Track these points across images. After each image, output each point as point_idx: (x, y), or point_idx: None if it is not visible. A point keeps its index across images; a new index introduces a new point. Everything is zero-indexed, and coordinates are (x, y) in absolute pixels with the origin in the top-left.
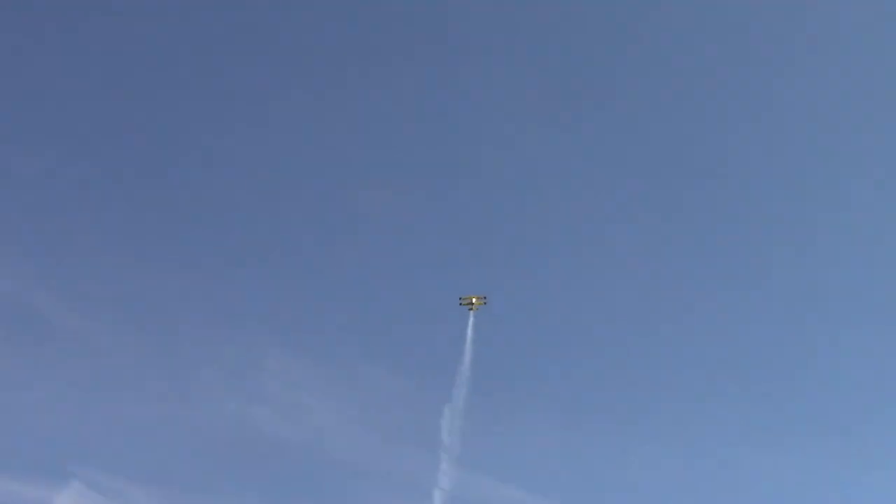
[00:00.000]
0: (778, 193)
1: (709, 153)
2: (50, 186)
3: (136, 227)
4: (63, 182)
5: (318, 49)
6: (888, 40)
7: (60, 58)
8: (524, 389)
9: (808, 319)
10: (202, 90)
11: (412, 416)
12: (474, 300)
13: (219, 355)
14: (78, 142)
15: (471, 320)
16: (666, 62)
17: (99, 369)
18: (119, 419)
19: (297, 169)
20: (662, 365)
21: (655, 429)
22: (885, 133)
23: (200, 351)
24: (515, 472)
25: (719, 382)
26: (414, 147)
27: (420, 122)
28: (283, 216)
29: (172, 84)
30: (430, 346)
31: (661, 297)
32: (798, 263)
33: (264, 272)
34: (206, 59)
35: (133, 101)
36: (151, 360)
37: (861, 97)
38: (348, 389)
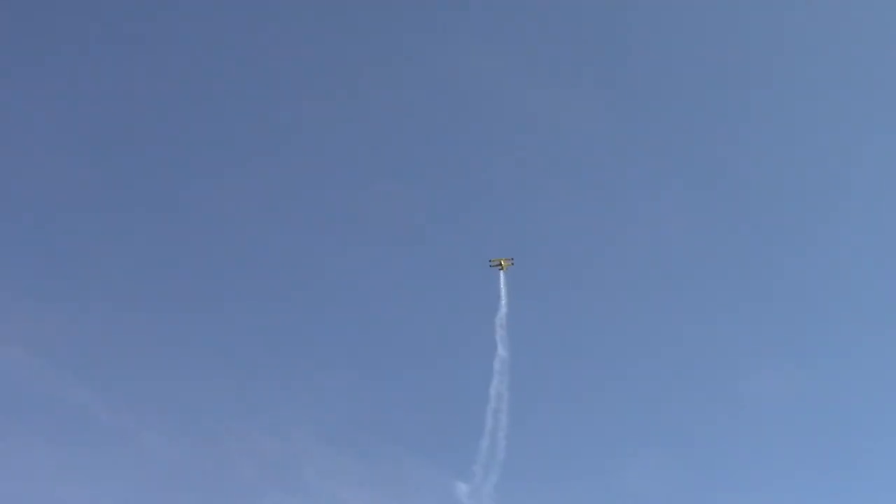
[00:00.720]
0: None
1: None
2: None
3: (173, 326)
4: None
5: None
6: None
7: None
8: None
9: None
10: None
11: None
12: (503, 262)
13: (256, 448)
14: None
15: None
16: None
17: (139, 463)
18: None
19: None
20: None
21: None
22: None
23: (238, 444)
24: None
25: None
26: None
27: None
28: (316, 314)
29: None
30: (465, 433)
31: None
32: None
33: (300, 364)
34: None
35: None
36: (189, 454)
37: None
38: (386, 480)
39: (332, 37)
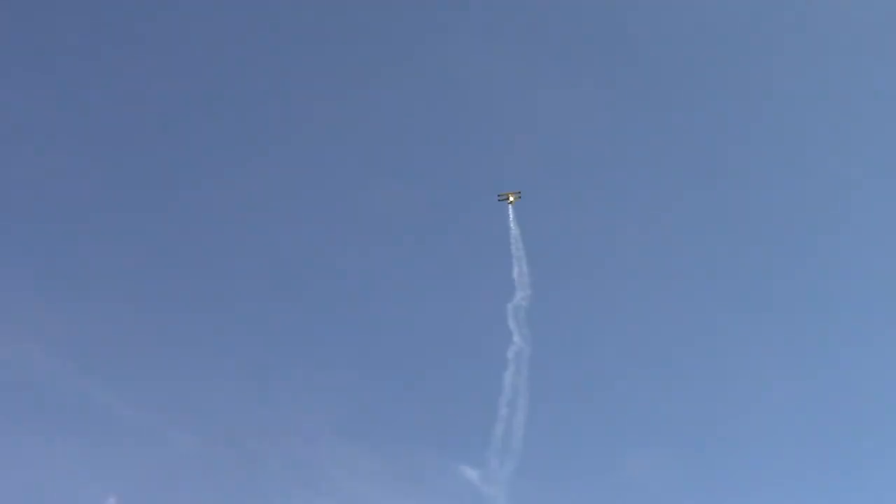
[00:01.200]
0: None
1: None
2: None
3: (197, 326)
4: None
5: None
6: None
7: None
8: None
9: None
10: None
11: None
12: (511, 195)
13: (281, 446)
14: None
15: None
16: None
17: (164, 463)
18: None
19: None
20: None
21: None
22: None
23: (263, 442)
24: None
25: None
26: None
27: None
28: (334, 313)
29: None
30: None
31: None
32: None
33: (322, 363)
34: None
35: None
36: (215, 454)
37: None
38: (412, 478)
39: (333, 37)
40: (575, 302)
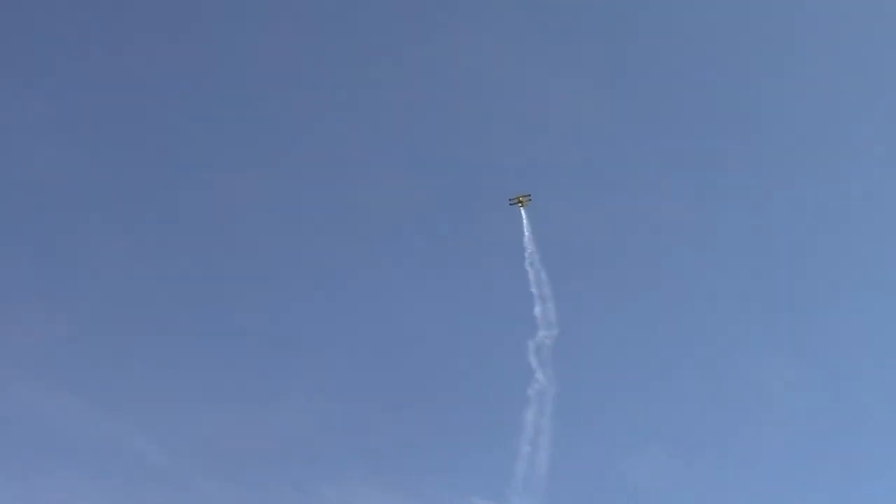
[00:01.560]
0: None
1: None
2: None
3: (228, 372)
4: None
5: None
6: None
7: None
8: None
9: None
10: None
11: None
12: (521, 199)
13: (312, 494)
14: None
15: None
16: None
17: None
18: None
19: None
20: None
21: None
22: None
23: (294, 490)
24: None
25: None
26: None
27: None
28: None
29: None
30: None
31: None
32: None
33: (347, 407)
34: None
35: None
36: (245, 501)
37: None
38: None
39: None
40: (598, 335)
